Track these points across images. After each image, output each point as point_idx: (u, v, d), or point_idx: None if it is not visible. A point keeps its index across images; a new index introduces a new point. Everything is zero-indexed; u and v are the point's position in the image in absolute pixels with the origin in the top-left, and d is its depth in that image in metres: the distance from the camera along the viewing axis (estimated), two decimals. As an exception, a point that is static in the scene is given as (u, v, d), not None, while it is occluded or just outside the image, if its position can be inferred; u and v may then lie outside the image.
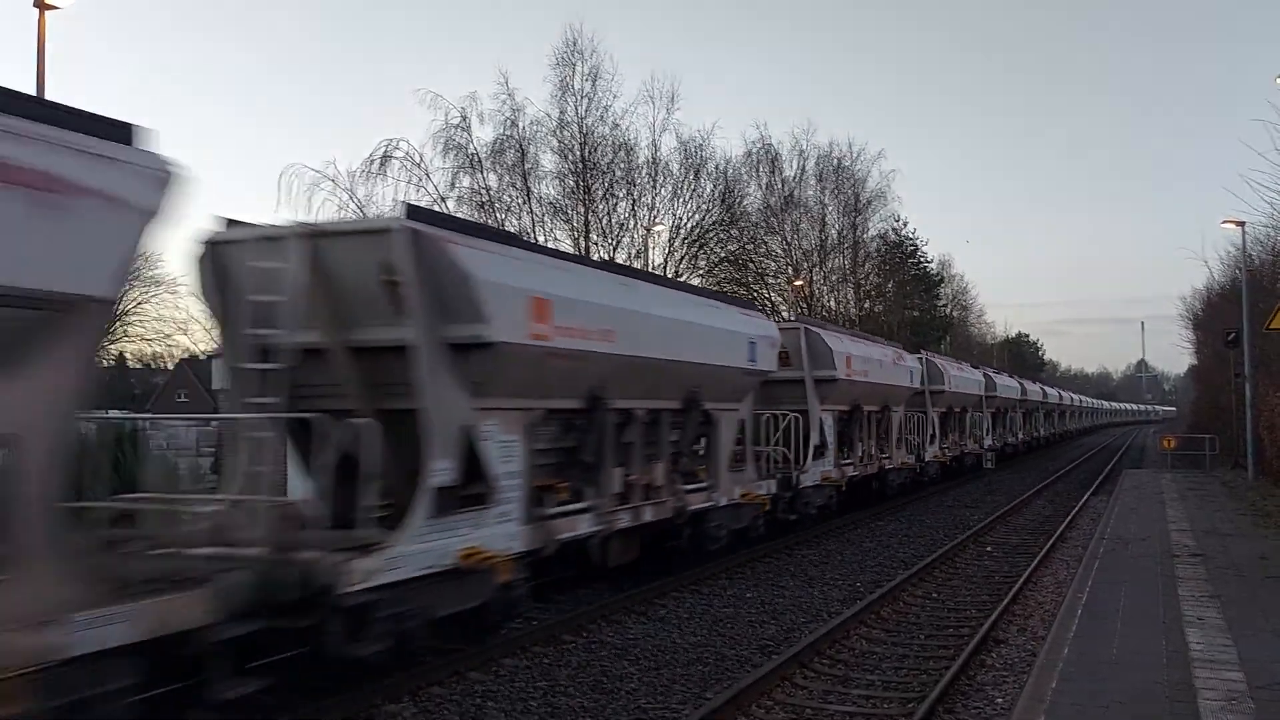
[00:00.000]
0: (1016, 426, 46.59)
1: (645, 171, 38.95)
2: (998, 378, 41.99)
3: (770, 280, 46.62)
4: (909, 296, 57.44)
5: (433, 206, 34.59)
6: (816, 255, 48.11)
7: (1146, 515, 20.45)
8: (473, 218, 33.90)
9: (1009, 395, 43.55)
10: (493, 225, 28.82)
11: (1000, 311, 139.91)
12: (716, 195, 40.98)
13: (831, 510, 20.03)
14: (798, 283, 46.47)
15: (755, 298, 41.91)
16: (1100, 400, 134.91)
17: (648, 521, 12.48)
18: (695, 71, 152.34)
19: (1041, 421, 57.57)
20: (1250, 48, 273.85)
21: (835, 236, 49.20)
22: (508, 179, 36.94)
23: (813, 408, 18.98)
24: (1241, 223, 31.49)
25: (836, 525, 19.69)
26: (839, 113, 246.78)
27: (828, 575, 14.76)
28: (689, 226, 40.25)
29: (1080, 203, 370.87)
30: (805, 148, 47.67)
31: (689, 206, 40.22)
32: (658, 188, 39.30)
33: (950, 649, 10.33)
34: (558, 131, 37.28)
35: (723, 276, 42.13)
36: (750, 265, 44.62)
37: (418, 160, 34.79)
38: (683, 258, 40.25)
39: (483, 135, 36.49)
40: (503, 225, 35.04)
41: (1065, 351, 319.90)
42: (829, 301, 48.81)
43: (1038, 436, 55.16)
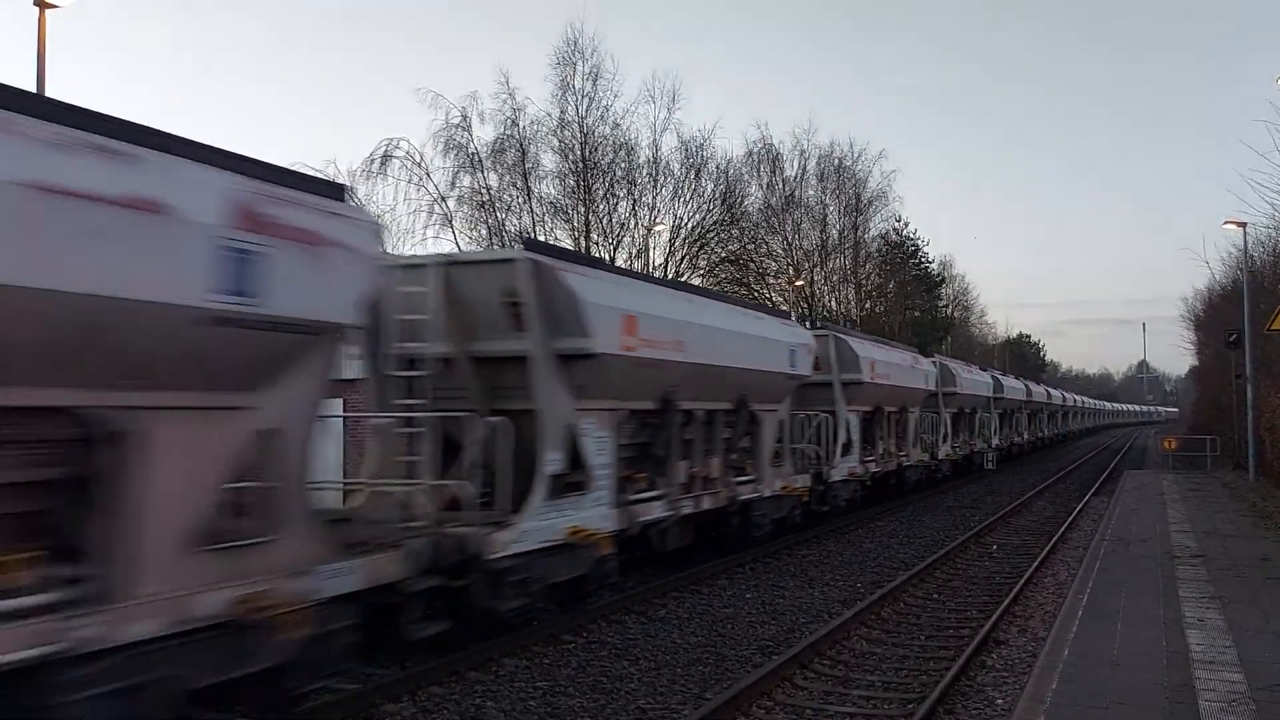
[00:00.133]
0: (1022, 427, 47.71)
1: (646, 171, 38.97)
2: (1005, 380, 43.09)
3: (771, 280, 46.61)
4: (910, 297, 57.44)
5: (433, 206, 34.62)
6: (817, 255, 48.11)
7: (1147, 516, 20.45)
8: (472, 217, 33.97)
9: (1015, 397, 44.68)
10: (593, 255, 29.25)
11: (1001, 312, 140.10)
12: (717, 195, 40.98)
13: (857, 503, 21.38)
14: (798, 283, 46.46)
15: (756, 298, 41.90)
16: (1102, 401, 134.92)
17: (706, 509, 14.01)
18: (696, 71, 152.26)
19: (1045, 422, 58.88)
20: (1251, 48, 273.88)
21: (836, 236, 49.21)
22: (508, 178, 36.98)
23: (840, 409, 20.41)
24: (1243, 224, 31.53)
25: (836, 525, 19.74)
26: (840, 112, 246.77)
27: (828, 576, 14.75)
28: (690, 226, 40.26)
29: (1081, 203, 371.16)
30: (806, 148, 47.73)
31: (690, 206, 40.22)
32: (658, 187, 39.33)
33: (950, 650, 10.33)
34: (558, 131, 37.31)
35: (723, 276, 42.10)
36: (751, 265, 44.62)
37: (418, 160, 34.86)
38: (683, 258, 40.24)
39: (483, 135, 36.55)
40: (503, 225, 35.09)
41: (1066, 352, 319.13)
42: (830, 302, 48.79)
43: (1042, 437, 56.21)
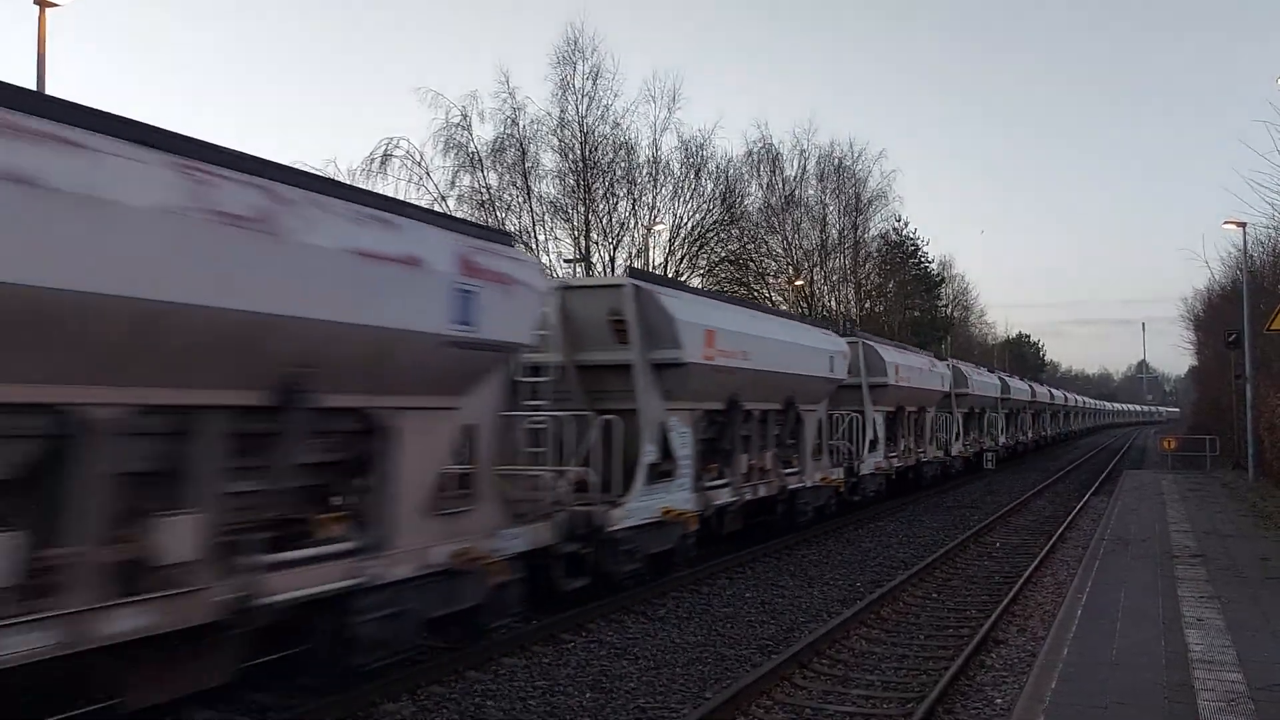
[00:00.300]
0: (1026, 426, 49.48)
1: (646, 171, 39.00)
2: (1011, 381, 45.15)
3: (771, 280, 46.61)
4: (910, 296, 57.48)
5: (433, 205, 34.66)
6: (817, 255, 48.11)
7: (1147, 516, 20.45)
8: (472, 216, 33.96)
9: (1020, 397, 46.63)
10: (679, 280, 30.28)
11: (1001, 312, 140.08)
12: (717, 195, 41.00)
13: (882, 494, 23.64)
14: (798, 282, 46.45)
15: (756, 297, 41.88)
16: (1102, 401, 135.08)
17: (761, 496, 16.07)
18: (697, 70, 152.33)
19: (1048, 422, 60.72)
20: (1252, 48, 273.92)
21: (836, 236, 49.22)
22: (508, 178, 37.02)
23: (868, 409, 22.41)
24: (1243, 224, 31.51)
25: (837, 525, 19.79)
26: (841, 112, 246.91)
27: (827, 575, 14.75)
28: (689, 226, 40.27)
29: (1081, 203, 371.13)
30: (806, 147, 47.76)
31: (690, 206, 40.23)
32: (658, 187, 39.36)
33: (950, 649, 10.32)
34: (558, 130, 37.33)
35: (723, 276, 42.09)
36: (751, 265, 44.62)
37: (418, 159, 34.89)
38: (683, 257, 40.24)
39: (483, 134, 36.63)
40: (503, 224, 35.07)
41: (1066, 352, 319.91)
42: (829, 301, 48.79)
43: (1045, 436, 58.01)
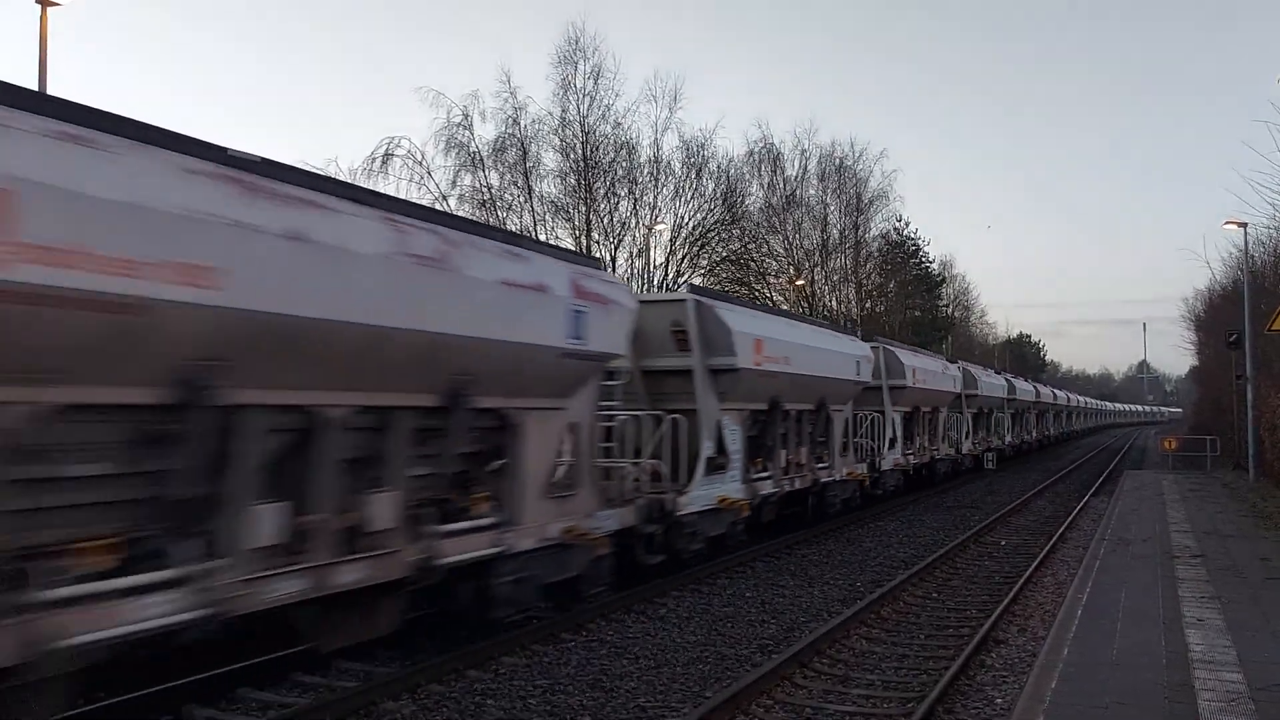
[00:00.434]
0: (1030, 426, 51.02)
1: (647, 170, 38.95)
2: (1016, 382, 46.68)
3: (771, 280, 46.58)
4: (910, 296, 57.47)
5: (434, 204, 34.67)
6: (818, 255, 48.10)
7: (1147, 516, 20.45)
8: (473, 215, 33.96)
9: (1025, 398, 48.22)
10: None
11: (1001, 312, 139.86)
12: (718, 194, 40.95)
13: (900, 489, 25.02)
14: (799, 282, 46.44)
15: (757, 297, 41.88)
16: (1104, 401, 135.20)
17: (797, 488, 17.67)
18: (698, 70, 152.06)
19: (1051, 422, 62.26)
20: (1253, 48, 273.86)
21: (837, 236, 49.21)
22: (509, 177, 36.99)
23: (888, 409, 23.84)
24: (1244, 224, 31.51)
25: (837, 525, 19.79)
26: (842, 111, 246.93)
27: (827, 575, 14.75)
28: (691, 226, 40.24)
29: (1082, 203, 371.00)
30: (807, 147, 47.74)
31: (691, 206, 40.20)
32: (659, 187, 39.31)
33: (950, 649, 10.32)
34: (559, 130, 37.31)
35: (724, 276, 42.06)
36: (752, 265, 44.60)
37: (419, 158, 34.88)
38: (684, 257, 40.23)
39: (484, 133, 36.60)
40: (504, 223, 35.06)
41: (1066, 352, 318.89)
42: (830, 301, 48.77)
43: (1048, 435, 59.61)
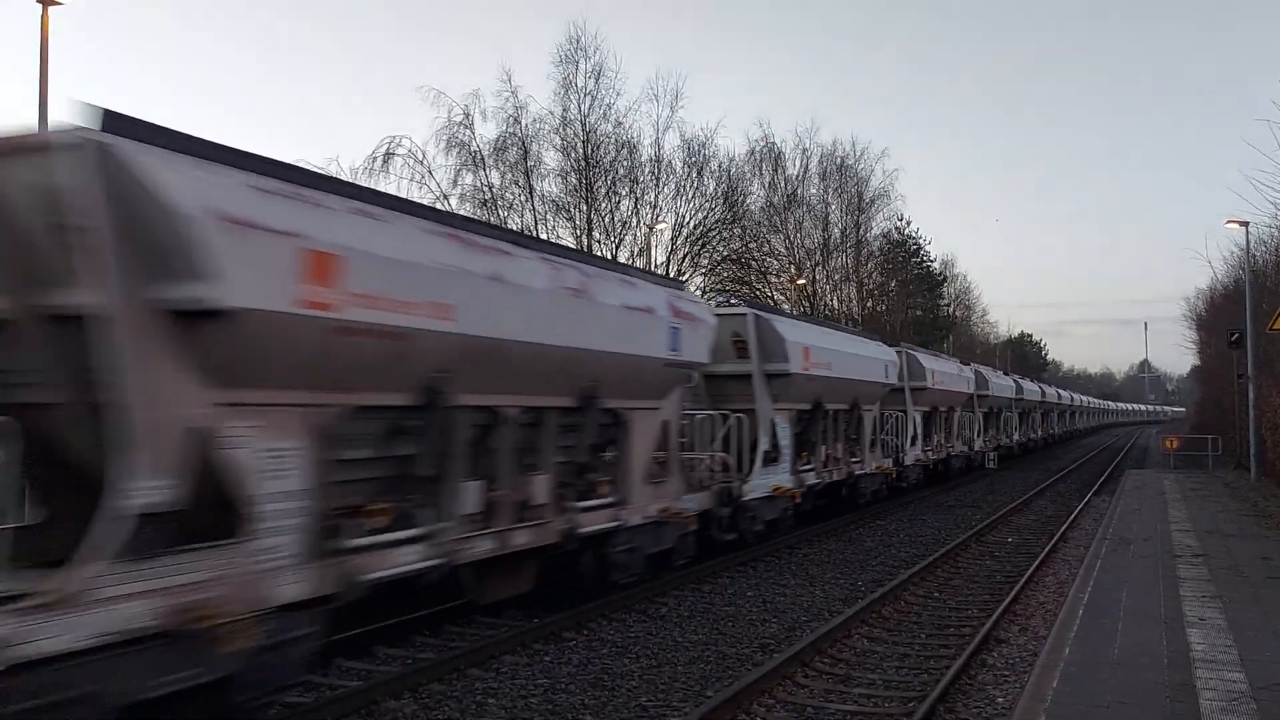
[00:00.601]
0: (1036, 424, 53.38)
1: (648, 169, 38.91)
2: (1024, 383, 49.27)
3: (773, 279, 46.56)
4: (912, 296, 57.42)
5: (435, 204, 34.68)
6: (819, 254, 48.08)
7: (1149, 515, 20.43)
8: (475, 214, 33.94)
9: (1032, 398, 50.64)
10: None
11: (1003, 311, 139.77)
12: (719, 193, 40.93)
13: (921, 482, 27.19)
14: (800, 281, 46.42)
15: (758, 296, 41.83)
16: (1106, 401, 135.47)
17: (835, 480, 19.53)
18: (699, 70, 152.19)
19: (1056, 421, 64.56)
20: (1254, 47, 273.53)
21: (838, 235, 49.20)
22: (510, 176, 36.96)
23: (910, 409, 25.60)
24: (1245, 223, 31.45)
25: (837, 524, 19.79)
26: (843, 111, 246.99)
27: (829, 574, 14.75)
28: (692, 225, 40.22)
29: (1084, 203, 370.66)
30: (809, 146, 47.72)
31: (692, 205, 40.18)
32: (660, 186, 39.28)
33: (951, 648, 10.31)
34: (560, 129, 37.27)
35: (725, 275, 42.04)
36: (753, 264, 44.57)
37: (420, 157, 34.84)
38: (685, 256, 40.21)
39: (485, 132, 36.53)
40: (504, 223, 35.05)
41: (1068, 351, 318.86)
42: (831, 300, 48.75)
43: (1053, 434, 62.22)
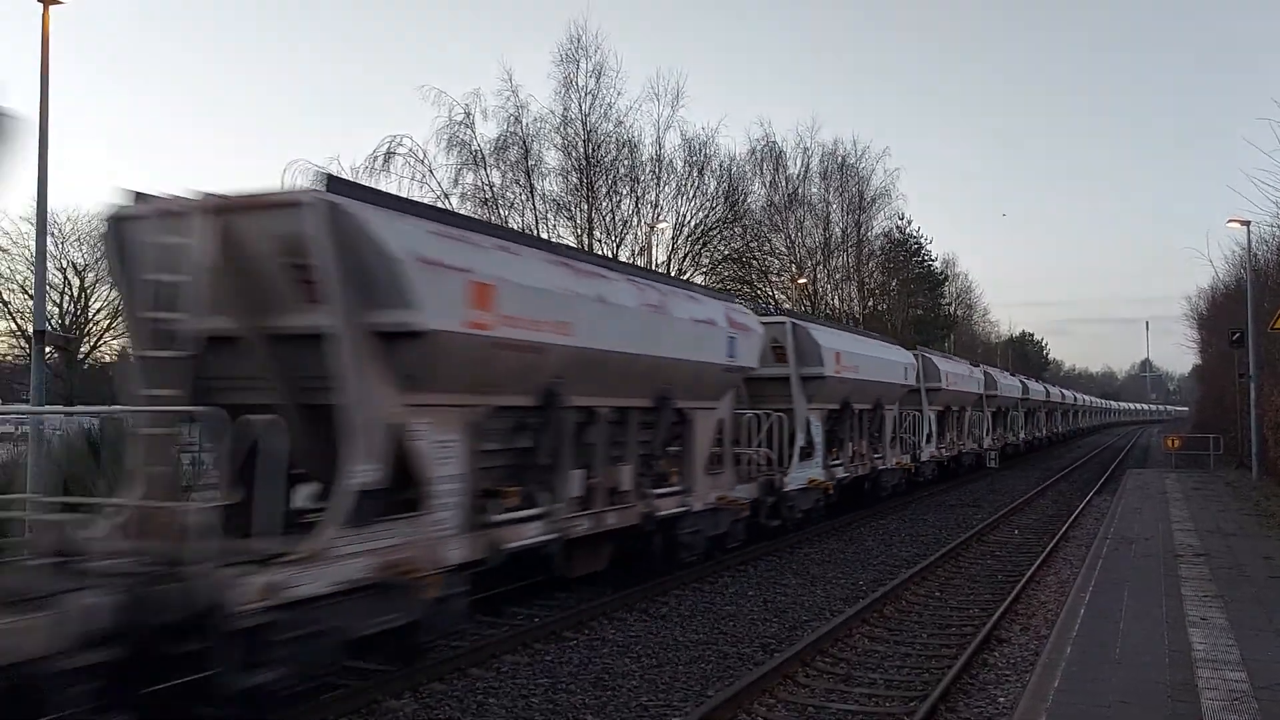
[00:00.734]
0: (1040, 423, 55.60)
1: (649, 169, 38.77)
2: (1029, 383, 51.75)
3: (774, 278, 46.51)
4: (913, 295, 57.37)
5: (436, 203, 34.68)
6: (820, 253, 48.00)
7: (1150, 515, 20.43)
8: (475, 214, 33.89)
9: (1036, 398, 53.03)
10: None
11: (1004, 310, 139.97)
12: (720, 193, 40.80)
13: (935, 477, 29.13)
14: (801, 280, 46.37)
15: (758, 295, 41.81)
16: (1108, 400, 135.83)
17: (860, 474, 21.61)
18: (700, 68, 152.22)
19: (1060, 419, 66.92)
20: (1255, 46, 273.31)
21: (839, 234, 49.09)
22: (511, 176, 36.84)
23: (925, 408, 27.44)
24: (1247, 222, 31.41)
25: (837, 524, 19.80)
26: (843, 110, 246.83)
27: (830, 574, 14.75)
28: (693, 224, 40.10)
29: (1085, 202, 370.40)
30: (809, 145, 47.58)
31: (693, 204, 40.06)
32: (661, 185, 39.15)
33: (953, 648, 10.31)
34: (561, 128, 37.15)
35: (726, 274, 41.98)
36: (754, 263, 44.49)
37: (421, 157, 34.77)
38: (686, 255, 40.13)
39: (486, 132, 36.40)
40: (505, 222, 35.00)
41: (1069, 351, 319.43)
42: (832, 300, 48.68)
43: (1056, 432, 64.56)
